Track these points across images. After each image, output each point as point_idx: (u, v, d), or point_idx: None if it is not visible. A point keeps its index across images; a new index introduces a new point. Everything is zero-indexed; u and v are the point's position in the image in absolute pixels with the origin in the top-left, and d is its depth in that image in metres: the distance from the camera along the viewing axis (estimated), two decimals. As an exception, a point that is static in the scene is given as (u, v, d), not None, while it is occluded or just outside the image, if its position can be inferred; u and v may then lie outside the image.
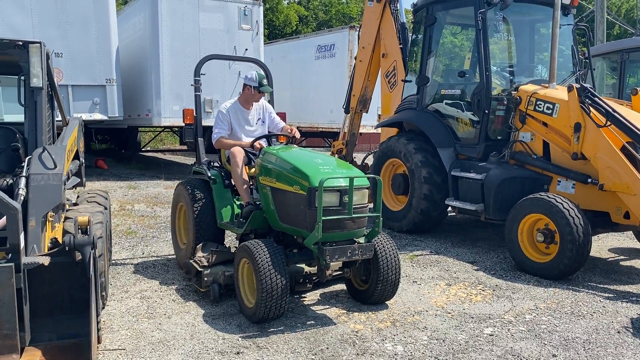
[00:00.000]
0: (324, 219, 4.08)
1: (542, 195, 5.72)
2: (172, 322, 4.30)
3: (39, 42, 4.20)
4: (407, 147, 7.42)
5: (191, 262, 4.97)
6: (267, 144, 5.41)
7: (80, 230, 3.78)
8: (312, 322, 4.36)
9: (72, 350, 3.22)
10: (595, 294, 5.20)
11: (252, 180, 5.16)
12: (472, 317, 4.56)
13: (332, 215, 4.17)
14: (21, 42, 4.18)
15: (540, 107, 6.40)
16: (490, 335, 4.20)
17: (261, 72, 5.57)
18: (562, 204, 5.45)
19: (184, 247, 5.64)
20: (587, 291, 5.30)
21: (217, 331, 4.14)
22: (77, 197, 5.35)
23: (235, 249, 4.95)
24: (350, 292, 4.93)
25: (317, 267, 4.53)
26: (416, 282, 5.48)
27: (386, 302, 4.78)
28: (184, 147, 19.09)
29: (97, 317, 3.17)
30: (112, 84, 12.17)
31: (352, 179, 4.20)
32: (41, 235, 3.46)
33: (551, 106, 6.29)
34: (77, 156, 5.19)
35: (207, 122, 8.69)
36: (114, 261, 5.90)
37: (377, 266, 4.54)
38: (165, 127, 15.35)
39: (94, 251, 3.23)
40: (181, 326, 4.22)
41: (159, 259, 6.14)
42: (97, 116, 12.11)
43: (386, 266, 4.54)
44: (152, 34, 12.65)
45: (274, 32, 33.20)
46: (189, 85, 6.68)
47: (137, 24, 13.86)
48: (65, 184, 4.02)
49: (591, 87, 6.05)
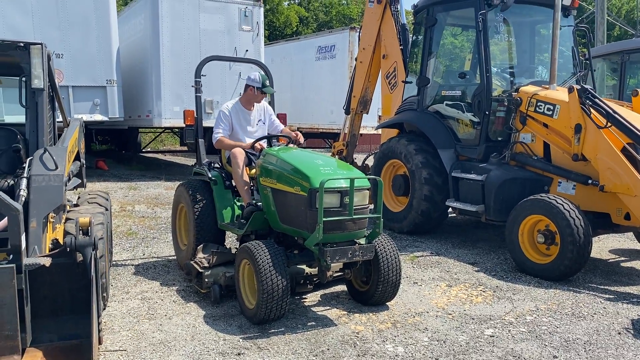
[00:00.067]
0: (324, 220, 4.08)
1: (542, 196, 5.72)
2: (173, 323, 4.31)
3: (40, 44, 4.21)
4: (408, 148, 7.42)
5: (192, 263, 4.97)
6: (267, 145, 5.42)
7: (81, 231, 3.79)
8: (313, 323, 4.37)
9: (73, 351, 3.23)
10: (595, 295, 5.21)
11: (253, 181, 5.16)
12: (472, 318, 4.56)
13: (333, 216, 4.17)
14: (22, 44, 4.19)
15: (540, 109, 6.40)
16: (491, 336, 4.20)
17: (264, 74, 5.58)
18: (562, 205, 5.45)
19: (184, 248, 5.64)
20: (587, 292, 5.30)
21: (218, 332, 4.14)
22: (78, 198, 5.35)
23: (235, 250, 4.95)
24: (350, 293, 4.93)
25: (317, 268, 4.53)
26: (417, 283, 5.48)
27: (387, 303, 4.78)
28: (185, 148, 19.10)
29: (98, 318, 3.17)
30: (112, 85, 12.18)
31: (352, 180, 4.20)
32: (42, 236, 3.46)
33: (552, 107, 6.29)
34: (78, 157, 5.19)
35: (207, 123, 8.69)
36: (114, 262, 5.90)
37: (378, 267, 4.54)
38: (165, 128, 15.36)
39: (95, 252, 3.24)
40: (182, 327, 4.22)
41: (159, 260, 6.14)
42: (98, 117, 12.13)
43: (387, 267, 4.54)
44: (152, 35, 12.66)
45: (275, 33, 33.23)
46: (189, 86, 6.68)
47: (138, 25, 13.88)
48: (66, 185, 4.03)
49: (592, 89, 6.05)
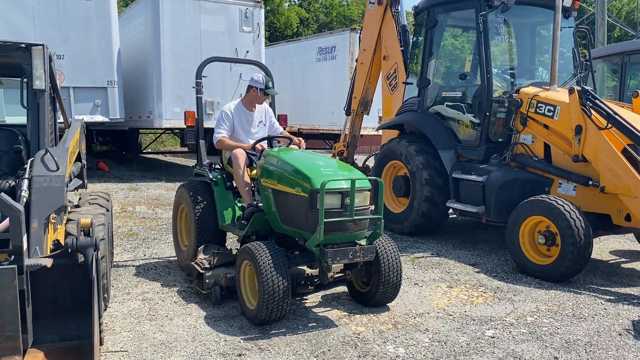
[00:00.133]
0: (325, 221, 4.08)
1: (543, 197, 5.72)
2: (174, 324, 4.31)
3: (42, 45, 4.22)
4: (408, 149, 7.43)
5: (193, 264, 4.97)
6: (268, 146, 5.42)
7: (82, 232, 3.79)
8: (314, 324, 4.37)
9: (74, 352, 3.24)
10: (596, 296, 5.21)
11: (254, 182, 5.17)
12: (473, 319, 4.56)
13: (334, 217, 4.17)
14: (24, 45, 4.19)
15: (541, 110, 6.40)
16: (491, 337, 4.20)
17: (267, 75, 5.60)
18: (563, 206, 5.45)
19: (185, 249, 5.64)
20: (588, 293, 5.30)
21: (219, 333, 4.14)
22: (79, 199, 5.36)
23: (236, 251, 4.96)
24: (351, 294, 4.93)
25: (318, 269, 4.54)
26: (417, 284, 5.48)
27: (387, 304, 4.78)
28: (185, 149, 19.13)
29: (99, 319, 3.17)
30: (113, 86, 12.20)
31: (353, 181, 4.20)
32: (43, 237, 3.47)
33: (552, 108, 6.29)
34: (79, 158, 5.20)
35: (208, 124, 8.70)
36: (115, 263, 5.90)
37: (379, 268, 4.54)
38: (166, 129, 15.37)
39: (96, 253, 3.24)
40: (183, 328, 4.23)
41: (160, 261, 6.15)
42: (99, 118, 12.15)
43: (388, 268, 4.55)
44: (153, 36, 12.68)
45: (275, 34, 33.25)
46: (190, 87, 6.69)
47: (139, 26, 13.89)
48: (67, 186, 4.03)
49: (592, 90, 6.05)
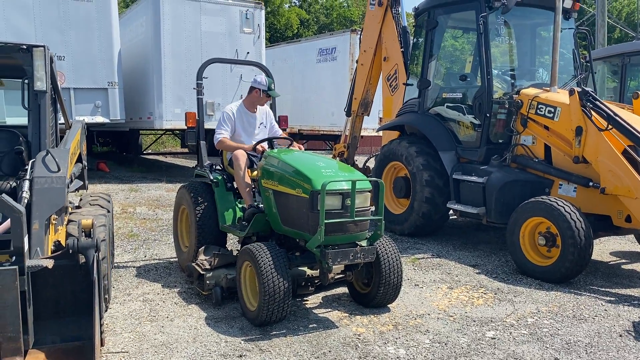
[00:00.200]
0: (326, 222, 4.09)
1: (543, 198, 5.73)
2: (175, 325, 4.31)
3: (43, 46, 4.22)
4: (409, 150, 7.43)
5: (193, 265, 4.97)
6: (268, 147, 5.42)
7: (83, 233, 3.79)
8: (315, 325, 4.37)
9: (75, 352, 3.24)
10: (597, 298, 5.21)
11: (255, 183, 5.17)
12: (474, 321, 4.56)
13: (335, 218, 4.17)
14: (25, 46, 4.20)
15: (541, 111, 6.41)
16: (492, 338, 4.20)
17: (269, 77, 5.62)
18: (563, 208, 5.45)
19: (186, 250, 5.64)
20: (588, 294, 5.30)
21: (220, 334, 4.14)
22: (80, 200, 5.36)
23: (237, 252, 4.96)
24: (352, 295, 4.93)
25: (319, 270, 4.54)
26: (418, 285, 5.48)
27: (388, 306, 4.78)
28: (185, 150, 19.13)
29: (100, 320, 3.17)
30: (114, 87, 12.21)
31: (354, 182, 4.20)
32: (44, 238, 3.47)
33: (552, 110, 6.30)
34: (79, 159, 5.20)
35: (208, 125, 8.70)
36: (116, 264, 5.91)
37: (379, 269, 4.54)
38: (166, 130, 15.38)
39: (97, 254, 3.24)
40: (184, 329, 4.23)
41: (161, 261, 6.15)
42: (99, 119, 12.16)
43: (388, 269, 4.55)
44: (154, 37, 12.69)
45: (275, 36, 33.27)
46: (191, 88, 6.70)
47: (139, 27, 13.90)
48: (68, 187, 4.03)
49: (592, 91, 6.06)
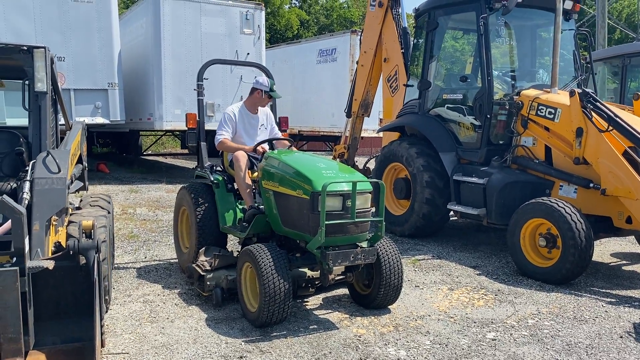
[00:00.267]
0: (327, 223, 4.08)
1: (544, 199, 5.72)
2: (175, 326, 4.31)
3: (44, 47, 4.22)
4: (409, 151, 7.43)
5: (194, 266, 4.96)
6: (269, 148, 5.43)
7: (84, 234, 3.79)
8: (315, 326, 4.37)
9: (76, 353, 3.24)
10: (597, 299, 5.20)
11: (255, 184, 5.17)
12: (474, 322, 4.56)
13: (335, 219, 4.17)
14: (26, 47, 4.20)
15: (542, 112, 6.41)
16: (492, 339, 4.20)
17: (270, 78, 5.63)
18: (564, 209, 5.45)
19: (186, 251, 5.64)
20: (589, 296, 5.30)
21: (220, 335, 4.14)
22: (80, 201, 5.36)
23: (237, 253, 4.95)
24: (352, 297, 4.92)
25: (319, 271, 4.54)
26: (418, 286, 5.48)
27: (389, 307, 4.78)
28: (185, 151, 19.13)
29: (100, 321, 3.17)
30: (114, 88, 12.22)
31: (355, 184, 4.20)
32: (45, 239, 3.47)
33: (553, 111, 6.30)
34: (80, 160, 5.20)
35: (209, 126, 8.70)
36: (116, 265, 5.90)
37: (380, 270, 4.54)
38: (166, 131, 15.39)
39: (98, 255, 3.24)
40: (184, 330, 4.22)
41: (161, 263, 6.15)
42: (99, 120, 12.17)
43: (389, 270, 4.54)
44: (154, 38, 12.70)
45: (275, 37, 33.26)
46: (191, 89, 6.70)
47: (139, 28, 13.91)
48: (69, 188, 4.03)
49: (593, 92, 6.06)
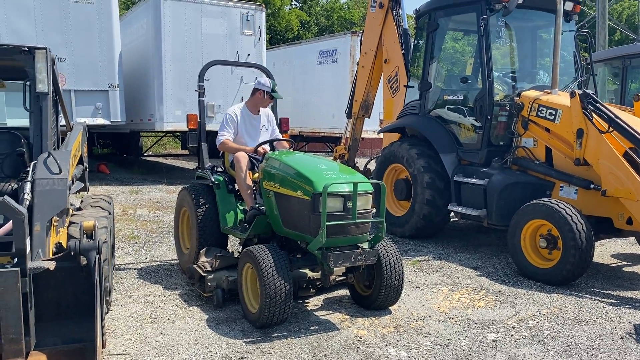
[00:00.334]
0: (327, 224, 4.09)
1: (544, 200, 5.72)
2: (176, 327, 4.31)
3: (45, 48, 4.23)
4: (410, 152, 7.43)
5: (194, 267, 4.96)
6: (270, 149, 5.43)
7: (85, 235, 3.79)
8: (316, 327, 4.37)
9: (76, 354, 3.24)
10: (598, 300, 5.20)
11: (256, 185, 5.17)
12: (475, 323, 4.56)
13: (336, 220, 4.17)
14: (27, 48, 4.20)
15: (542, 113, 6.41)
16: (493, 340, 4.20)
17: (272, 79, 5.65)
18: (564, 210, 5.45)
19: (187, 252, 5.64)
20: (590, 297, 5.29)
21: (221, 336, 4.14)
22: (81, 201, 5.36)
23: (238, 254, 4.96)
24: (353, 298, 4.93)
25: (320, 272, 4.54)
26: (419, 287, 5.48)
27: (389, 308, 4.78)
28: (186, 152, 19.13)
29: (101, 322, 3.17)
30: (114, 89, 12.22)
31: (356, 185, 4.20)
32: (46, 239, 3.47)
33: (553, 112, 6.30)
34: (81, 161, 5.20)
35: (209, 127, 8.70)
36: (117, 266, 5.90)
37: (381, 272, 4.54)
38: (167, 132, 15.40)
39: (99, 256, 3.24)
40: (185, 331, 4.22)
41: (162, 263, 6.15)
42: (100, 121, 12.17)
43: (389, 272, 4.55)
44: (154, 39, 12.70)
45: (276, 38, 33.26)
46: (191, 90, 6.71)
47: (140, 29, 13.92)
48: (69, 189, 4.03)
49: (593, 93, 6.07)
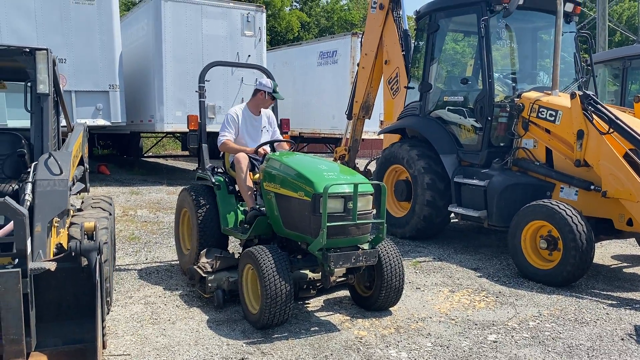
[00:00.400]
0: (328, 225, 4.09)
1: (545, 202, 5.72)
2: (177, 327, 4.31)
3: (46, 49, 4.23)
4: (410, 153, 7.43)
5: (195, 268, 4.97)
6: (270, 150, 5.44)
7: (86, 235, 3.80)
8: (316, 328, 4.37)
9: (77, 355, 3.24)
10: (598, 301, 5.20)
11: (256, 186, 5.18)
12: (475, 324, 4.56)
13: (337, 221, 4.17)
14: (28, 49, 4.21)
15: (543, 114, 6.41)
16: (494, 341, 4.20)
17: (272, 80, 5.66)
18: (565, 211, 5.45)
19: (187, 252, 5.64)
20: (590, 298, 5.29)
21: (222, 337, 4.14)
22: (82, 202, 5.36)
23: (239, 255, 4.96)
24: (354, 299, 4.93)
25: (321, 273, 4.54)
26: (419, 288, 5.48)
27: (390, 309, 4.78)
28: (186, 153, 19.13)
29: (102, 323, 3.17)
30: (115, 90, 12.23)
31: (356, 185, 4.21)
32: (47, 240, 3.47)
33: (554, 113, 6.30)
34: (81, 162, 5.21)
35: (210, 128, 8.72)
36: (117, 267, 5.90)
37: (381, 272, 4.55)
38: (167, 132, 15.41)
39: (99, 257, 3.24)
40: (185, 332, 4.23)
41: (162, 264, 6.15)
42: (100, 122, 12.18)
43: (390, 272, 4.55)
44: (155, 40, 12.71)
45: (276, 39, 33.28)
46: (192, 91, 6.71)
47: (140, 30, 13.93)
48: (70, 190, 4.04)
49: (594, 95, 6.06)
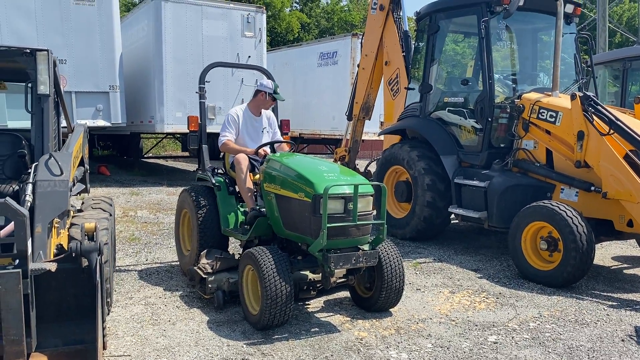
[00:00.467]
0: (328, 226, 4.09)
1: (545, 203, 5.72)
2: (177, 328, 4.31)
3: (47, 50, 4.23)
4: (410, 154, 7.43)
5: (195, 268, 4.97)
6: (270, 151, 5.44)
7: (86, 236, 3.79)
8: (317, 329, 4.37)
9: (77, 356, 3.24)
10: (599, 302, 5.20)
11: (257, 187, 5.18)
12: (476, 325, 4.56)
13: (337, 222, 4.17)
14: (29, 50, 4.21)
15: (543, 115, 6.41)
16: (494, 343, 4.20)
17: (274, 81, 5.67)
18: (565, 212, 5.45)
19: (187, 253, 5.64)
20: (590, 299, 5.29)
21: (222, 338, 4.14)
22: (82, 203, 5.36)
23: (239, 256, 4.96)
24: (354, 300, 4.93)
25: (321, 274, 4.53)
26: (420, 289, 5.48)
27: (390, 310, 4.78)
28: (186, 154, 19.13)
29: (102, 323, 3.17)
30: (115, 91, 12.22)
31: (356, 186, 4.21)
32: (47, 241, 3.47)
33: (554, 114, 6.30)
34: (82, 163, 5.21)
35: (210, 129, 8.72)
36: (117, 267, 5.90)
37: (381, 273, 4.54)
38: (167, 133, 15.40)
39: (100, 257, 3.24)
40: (186, 333, 4.23)
41: (162, 265, 6.15)
42: (100, 122, 12.17)
43: (390, 273, 4.55)
44: (155, 41, 12.71)
45: (276, 40, 33.30)
46: (192, 92, 6.71)
47: (141, 31, 13.93)
48: (71, 191, 4.04)
49: (594, 96, 6.07)
